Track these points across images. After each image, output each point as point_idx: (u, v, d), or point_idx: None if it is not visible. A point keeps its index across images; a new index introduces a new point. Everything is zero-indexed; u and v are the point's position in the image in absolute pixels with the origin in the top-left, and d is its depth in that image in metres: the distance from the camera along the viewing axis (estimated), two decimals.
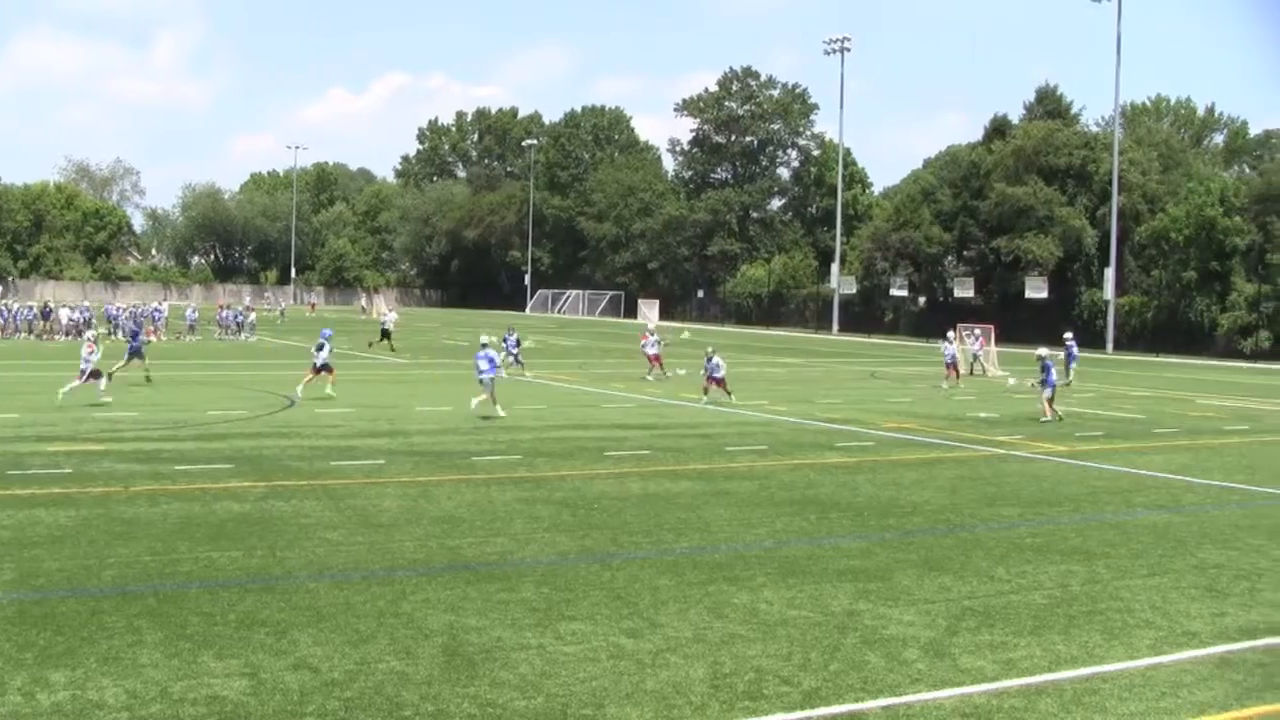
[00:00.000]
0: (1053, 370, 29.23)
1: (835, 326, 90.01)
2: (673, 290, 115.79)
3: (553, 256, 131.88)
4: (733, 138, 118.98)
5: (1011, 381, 38.01)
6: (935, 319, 73.33)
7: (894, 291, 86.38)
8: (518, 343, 39.82)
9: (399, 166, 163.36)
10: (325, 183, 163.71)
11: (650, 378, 37.74)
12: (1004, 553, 13.50)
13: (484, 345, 27.48)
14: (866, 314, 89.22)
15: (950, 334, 42.41)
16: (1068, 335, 42.48)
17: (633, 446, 21.84)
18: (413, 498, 15.97)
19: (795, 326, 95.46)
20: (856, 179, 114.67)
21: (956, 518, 15.70)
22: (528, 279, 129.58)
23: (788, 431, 25.14)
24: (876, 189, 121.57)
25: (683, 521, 14.85)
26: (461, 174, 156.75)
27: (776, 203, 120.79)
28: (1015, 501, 17.07)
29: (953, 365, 39.32)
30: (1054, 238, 76.82)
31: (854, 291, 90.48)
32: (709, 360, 31.23)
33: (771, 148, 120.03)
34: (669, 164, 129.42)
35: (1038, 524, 15.37)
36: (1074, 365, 41.26)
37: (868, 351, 64.02)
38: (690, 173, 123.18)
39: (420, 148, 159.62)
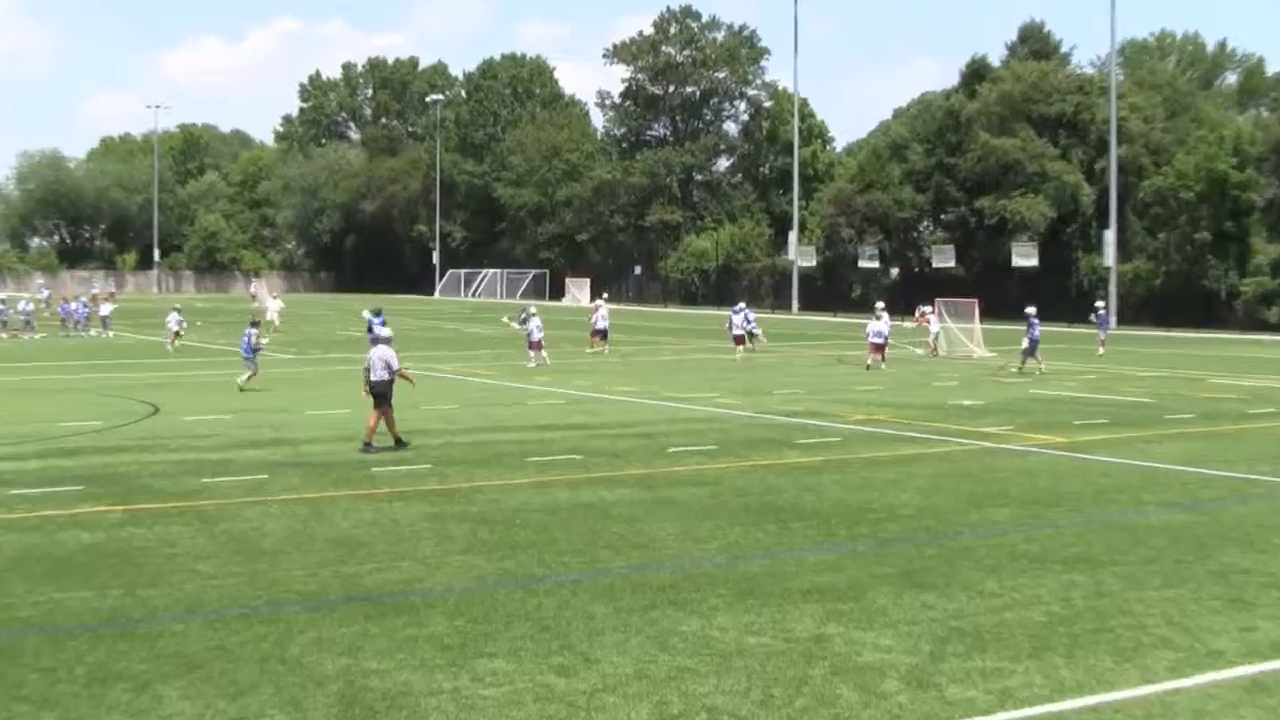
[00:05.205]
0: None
1: (795, 304, 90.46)
2: (606, 266, 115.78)
3: (465, 230, 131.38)
4: (671, 88, 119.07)
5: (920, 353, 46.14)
6: (910, 293, 73.74)
7: (862, 263, 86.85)
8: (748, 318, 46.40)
9: (280, 128, 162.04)
10: (193, 148, 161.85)
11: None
12: (995, 563, 13.53)
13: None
14: (830, 289, 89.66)
15: (880, 305, 45.35)
16: (1100, 304, 51.34)
17: (560, 450, 21.75)
18: (301, 518, 15.80)
19: (749, 305, 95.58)
20: (815, 134, 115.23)
21: (939, 523, 15.73)
22: (436, 257, 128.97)
23: (740, 428, 25.16)
24: (838, 145, 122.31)
25: (620, 537, 14.78)
26: (355, 136, 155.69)
27: (723, 163, 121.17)
28: (1007, 502, 17.14)
29: (881, 347, 41.52)
30: (1045, 197, 77.57)
31: (815, 264, 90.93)
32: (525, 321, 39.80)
33: (716, 99, 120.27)
34: (598, 120, 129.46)
35: (1034, 528, 15.44)
36: (1103, 334, 49.14)
37: (832, 333, 64.34)
38: (623, 130, 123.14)
39: (303, 106, 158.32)
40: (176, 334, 48.85)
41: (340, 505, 16.69)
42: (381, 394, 21.97)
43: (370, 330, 41.08)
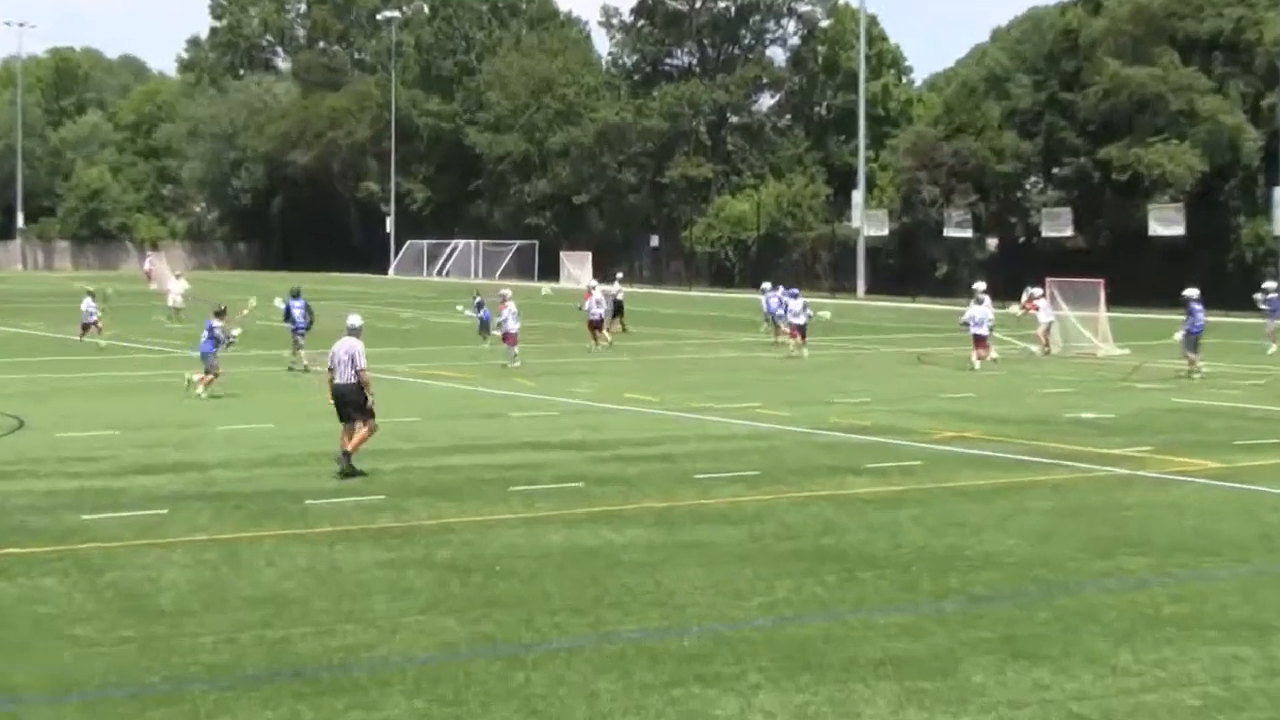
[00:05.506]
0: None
1: (860, 286, 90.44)
2: (613, 236, 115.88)
3: (429, 189, 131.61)
4: (699, 3, 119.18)
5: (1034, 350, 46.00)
6: (1013, 270, 73.45)
7: (948, 231, 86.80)
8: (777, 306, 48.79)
9: (186, 55, 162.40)
10: (69, 80, 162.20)
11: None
12: (1130, 628, 13.48)
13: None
14: (907, 266, 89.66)
15: (980, 286, 44.86)
16: (1270, 284, 50.19)
17: (554, 477, 21.80)
18: (213, 566, 15.81)
19: (801, 287, 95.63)
20: (888, 63, 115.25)
21: (1053, 575, 15.71)
22: (391, 224, 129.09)
23: (790, 447, 25.22)
24: (918, 79, 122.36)
25: (631, 590, 14.77)
26: (284, 66, 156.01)
27: (767, 101, 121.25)
28: (1144, 548, 17.09)
29: (985, 339, 41.67)
30: (1194, 144, 77.30)
31: (887, 233, 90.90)
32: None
33: (758, 18, 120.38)
34: (603, 46, 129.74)
35: (1181, 582, 15.40)
36: (1274, 324, 47.46)
37: (911, 323, 64.33)
38: (635, 58, 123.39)
39: (215, 26, 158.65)
40: (96, 324, 48.95)
41: (264, 548, 16.67)
42: (346, 398, 21.85)
43: (288, 317, 41.60)
